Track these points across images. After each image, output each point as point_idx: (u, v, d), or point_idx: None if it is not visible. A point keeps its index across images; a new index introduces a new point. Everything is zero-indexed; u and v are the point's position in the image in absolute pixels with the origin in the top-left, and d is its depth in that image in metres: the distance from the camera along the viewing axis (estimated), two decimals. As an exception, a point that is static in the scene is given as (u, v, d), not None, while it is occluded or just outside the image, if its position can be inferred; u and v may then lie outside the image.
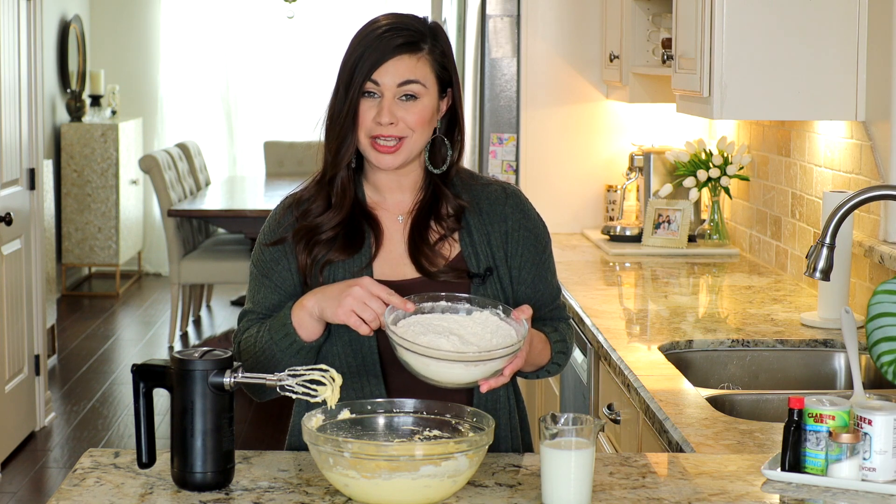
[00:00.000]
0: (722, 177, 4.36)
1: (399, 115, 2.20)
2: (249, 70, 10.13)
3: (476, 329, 2.09)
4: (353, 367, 2.23)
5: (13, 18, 5.55)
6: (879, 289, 2.53)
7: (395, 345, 2.05)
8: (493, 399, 2.27)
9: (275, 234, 2.28)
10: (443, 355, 2.01)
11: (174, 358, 1.95)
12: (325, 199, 2.27)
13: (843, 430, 1.96)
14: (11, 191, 5.52)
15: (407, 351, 2.03)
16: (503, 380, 2.08)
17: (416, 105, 2.21)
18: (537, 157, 4.91)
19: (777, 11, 3.33)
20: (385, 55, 2.20)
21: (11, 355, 5.49)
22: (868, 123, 3.30)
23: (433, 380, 2.06)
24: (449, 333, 2.06)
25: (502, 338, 2.09)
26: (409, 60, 2.21)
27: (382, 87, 2.20)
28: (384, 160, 2.22)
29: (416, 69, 2.21)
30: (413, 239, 2.27)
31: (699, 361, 3.03)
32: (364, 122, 2.21)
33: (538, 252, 2.31)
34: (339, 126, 2.22)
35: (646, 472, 2.04)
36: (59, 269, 9.05)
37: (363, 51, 2.21)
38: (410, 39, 2.22)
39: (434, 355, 2.01)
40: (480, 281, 2.25)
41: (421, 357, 2.02)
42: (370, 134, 2.21)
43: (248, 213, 7.38)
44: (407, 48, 2.21)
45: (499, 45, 4.94)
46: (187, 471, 1.93)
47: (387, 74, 2.20)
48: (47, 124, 8.85)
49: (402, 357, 2.05)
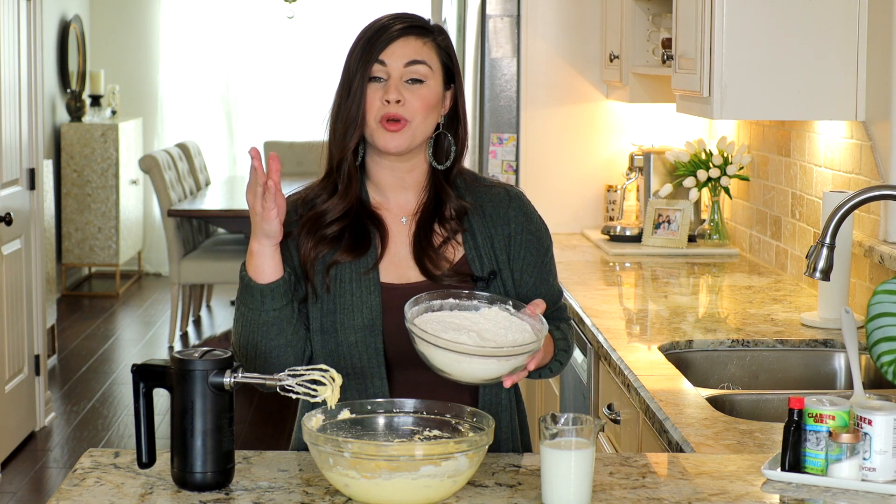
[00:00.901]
0: (722, 177, 4.36)
1: (406, 96, 2.22)
2: (249, 70, 10.13)
3: (488, 325, 2.10)
4: (357, 367, 2.22)
5: (13, 18, 5.55)
6: (879, 289, 2.53)
7: (417, 340, 2.04)
8: (496, 399, 2.28)
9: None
10: (475, 350, 2.00)
11: (174, 358, 1.95)
12: (332, 188, 2.28)
13: (843, 430, 1.96)
14: (11, 191, 5.52)
15: (434, 347, 2.02)
16: (524, 374, 2.09)
17: (421, 89, 2.22)
18: (537, 157, 4.91)
19: (777, 11, 3.33)
20: (392, 37, 2.22)
21: (11, 355, 5.49)
22: (868, 123, 3.30)
23: (455, 375, 2.04)
24: (467, 330, 2.07)
25: (516, 333, 2.09)
26: (415, 42, 2.23)
27: (389, 68, 2.22)
28: (391, 141, 2.22)
29: (422, 51, 2.23)
30: (418, 242, 2.27)
31: (699, 361, 3.03)
32: (372, 106, 2.22)
33: (540, 255, 2.33)
34: (346, 110, 2.23)
35: (646, 472, 2.04)
36: (59, 269, 9.05)
37: (369, 40, 2.23)
38: (417, 24, 2.25)
39: (467, 351, 2.00)
40: (485, 284, 2.26)
41: (450, 353, 2.01)
42: (378, 116, 2.22)
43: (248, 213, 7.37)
44: (414, 31, 2.24)
45: (499, 45, 4.94)
46: (187, 471, 1.93)
47: (394, 55, 2.22)
48: (47, 124, 8.85)
49: (425, 352, 2.04)
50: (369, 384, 2.22)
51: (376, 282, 2.23)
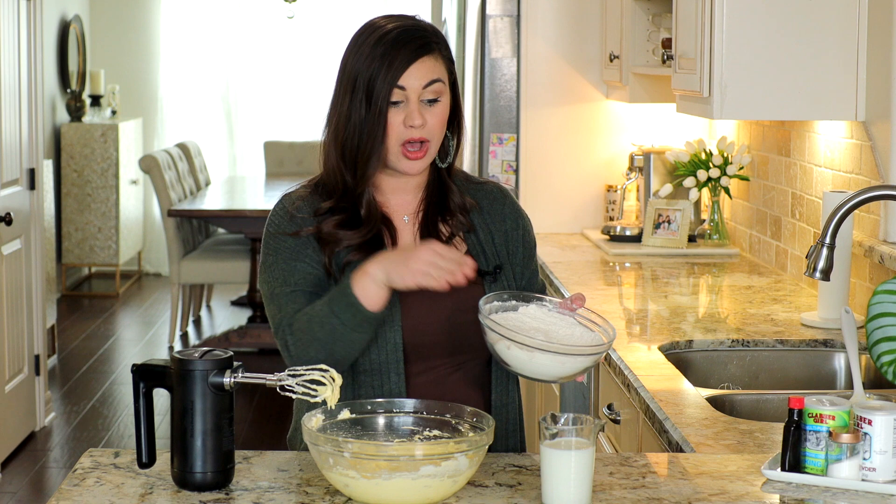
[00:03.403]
0: (722, 177, 4.36)
1: (426, 118, 2.20)
2: (249, 70, 10.13)
3: (536, 324, 2.10)
4: (375, 363, 2.22)
5: (13, 18, 5.55)
6: (879, 289, 2.53)
7: (499, 337, 2.03)
8: (508, 399, 2.30)
9: (292, 226, 2.24)
10: (573, 350, 2.02)
11: (174, 358, 1.95)
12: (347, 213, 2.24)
13: (843, 430, 1.96)
14: (11, 191, 5.52)
15: (523, 346, 2.02)
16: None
17: (437, 108, 2.22)
18: (537, 157, 4.91)
19: (777, 11, 3.33)
20: (408, 60, 2.18)
21: (11, 355, 5.49)
22: (868, 123, 3.30)
23: (532, 374, 2.05)
24: (535, 330, 2.07)
25: (572, 328, 2.11)
26: (429, 61, 2.21)
27: (409, 91, 2.19)
28: (414, 166, 2.22)
29: (436, 68, 2.22)
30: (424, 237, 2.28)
31: (699, 361, 3.03)
32: (393, 130, 2.19)
33: (531, 250, 2.38)
34: (367, 138, 2.19)
35: (646, 472, 2.04)
36: (59, 269, 9.05)
37: (382, 58, 2.18)
38: (425, 40, 2.21)
39: (568, 352, 2.02)
40: (492, 279, 2.27)
41: (552, 354, 2.01)
42: (401, 140, 2.20)
43: (248, 213, 7.38)
44: (425, 49, 2.21)
45: (499, 45, 4.94)
46: (187, 471, 1.93)
47: (412, 77, 2.19)
48: (47, 124, 8.85)
49: (503, 349, 2.04)
50: (385, 380, 2.22)
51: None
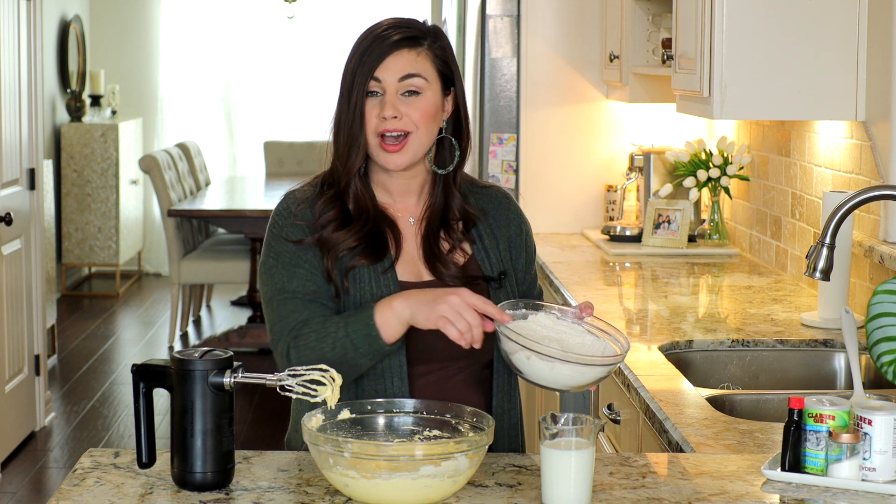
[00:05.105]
0: (722, 177, 4.36)
1: (403, 111, 2.20)
2: (249, 70, 10.13)
3: (547, 332, 2.10)
4: (378, 367, 2.21)
5: (13, 18, 5.55)
6: (879, 289, 2.53)
7: (519, 347, 2.03)
8: (510, 401, 2.30)
9: (295, 231, 2.24)
10: (594, 360, 2.02)
11: (174, 358, 1.95)
12: (341, 210, 2.25)
13: (843, 430, 1.96)
14: (11, 191, 5.52)
15: (545, 357, 2.01)
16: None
17: (419, 100, 2.21)
18: (537, 157, 4.91)
19: (777, 11, 3.33)
20: (385, 52, 2.20)
21: (11, 355, 5.49)
22: (868, 123, 3.30)
23: (549, 384, 2.05)
24: (548, 339, 2.07)
25: (577, 335, 2.11)
26: (408, 55, 2.21)
27: (384, 84, 2.21)
28: (391, 160, 2.22)
29: (416, 63, 2.22)
30: (427, 245, 2.28)
31: (699, 361, 3.03)
32: (370, 122, 2.21)
33: (532, 254, 2.38)
34: (346, 130, 2.22)
35: (646, 472, 2.04)
36: (59, 269, 9.05)
37: (363, 53, 2.21)
38: (409, 35, 2.23)
39: (589, 362, 2.02)
40: (497, 284, 2.27)
41: (573, 365, 2.02)
42: (377, 131, 2.21)
43: (248, 213, 7.38)
44: (406, 43, 2.22)
45: (499, 45, 4.94)
46: (187, 471, 1.93)
47: (387, 70, 2.20)
48: (47, 124, 8.85)
49: (522, 359, 2.04)
50: (388, 384, 2.21)
51: (395, 280, 2.23)
